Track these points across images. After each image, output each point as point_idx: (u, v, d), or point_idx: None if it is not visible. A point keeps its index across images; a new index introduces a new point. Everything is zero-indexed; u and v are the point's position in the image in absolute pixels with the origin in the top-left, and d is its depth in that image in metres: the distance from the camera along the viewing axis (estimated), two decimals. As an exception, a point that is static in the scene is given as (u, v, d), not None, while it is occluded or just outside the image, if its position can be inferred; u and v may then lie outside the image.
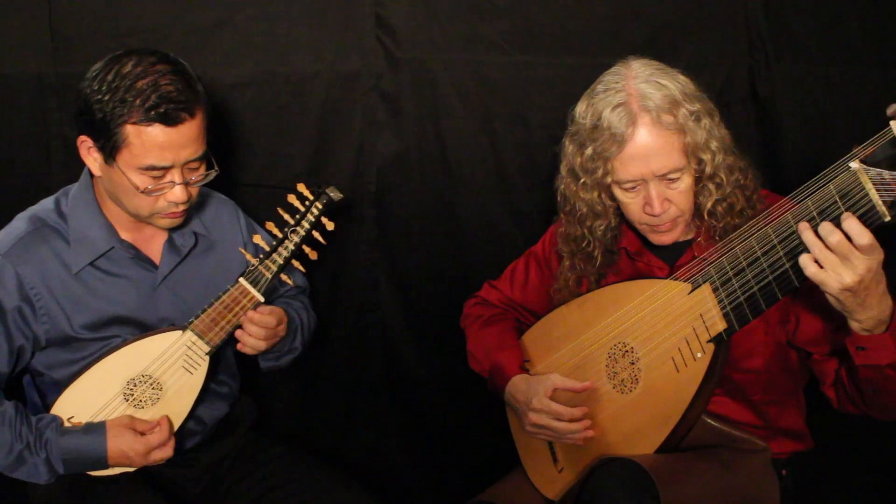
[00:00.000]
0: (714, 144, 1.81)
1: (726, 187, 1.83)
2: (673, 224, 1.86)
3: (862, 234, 1.49)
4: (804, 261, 1.55)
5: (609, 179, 1.85)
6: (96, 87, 1.79)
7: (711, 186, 1.84)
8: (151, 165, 1.81)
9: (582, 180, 1.91)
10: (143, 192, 1.84)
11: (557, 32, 2.47)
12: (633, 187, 1.84)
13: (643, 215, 1.86)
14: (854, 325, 1.62)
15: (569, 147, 1.93)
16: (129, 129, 1.78)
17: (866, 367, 1.65)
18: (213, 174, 1.93)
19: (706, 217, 1.85)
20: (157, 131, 1.79)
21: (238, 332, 1.99)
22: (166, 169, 1.84)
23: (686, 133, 1.79)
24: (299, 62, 2.44)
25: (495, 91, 2.50)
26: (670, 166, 1.79)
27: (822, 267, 1.54)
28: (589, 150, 1.85)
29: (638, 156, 1.79)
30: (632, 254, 2.00)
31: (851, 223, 1.50)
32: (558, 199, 2.02)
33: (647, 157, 1.78)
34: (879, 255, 1.51)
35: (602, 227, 1.96)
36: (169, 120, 1.78)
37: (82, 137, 1.85)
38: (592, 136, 1.83)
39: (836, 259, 1.52)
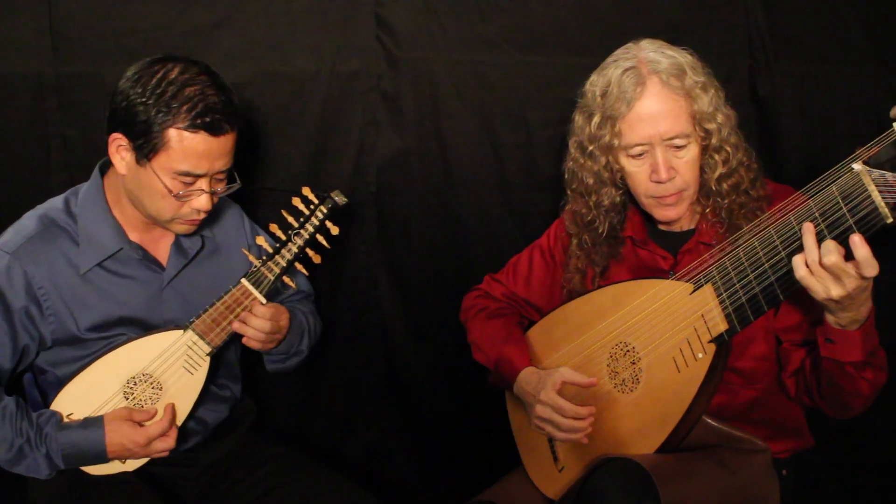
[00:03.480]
0: (720, 118, 1.85)
1: (732, 161, 1.86)
2: (678, 197, 1.87)
3: (870, 265, 1.50)
4: (796, 261, 1.57)
5: (616, 143, 1.87)
6: (140, 90, 1.81)
7: (717, 159, 1.86)
8: (187, 171, 1.84)
9: (589, 149, 1.94)
10: (174, 195, 1.86)
11: (557, 32, 2.47)
12: (640, 153, 1.86)
13: (649, 185, 1.87)
14: (829, 319, 1.65)
15: (578, 120, 1.97)
16: (172, 134, 1.80)
17: (829, 360, 1.68)
18: (235, 187, 1.96)
19: (712, 191, 1.87)
20: (199, 139, 1.82)
21: (237, 325, 1.98)
22: (199, 177, 1.86)
23: (693, 99, 1.83)
24: (299, 62, 2.44)
25: (495, 91, 2.50)
26: (677, 130, 1.82)
27: (812, 273, 1.55)
28: (597, 117, 1.89)
29: (646, 116, 1.82)
30: (637, 242, 2.00)
31: (861, 251, 1.50)
32: (566, 176, 2.04)
33: (654, 119, 1.81)
34: (874, 276, 1.52)
35: (607, 200, 1.97)
36: (214, 130, 1.82)
37: (115, 135, 1.86)
38: (601, 102, 1.87)
39: (828, 275, 1.54)
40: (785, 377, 1.87)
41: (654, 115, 1.81)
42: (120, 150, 1.87)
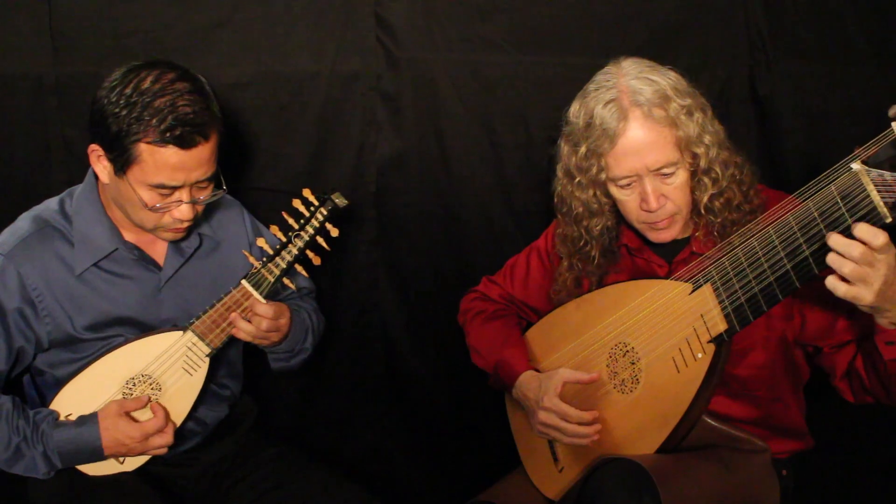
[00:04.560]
0: (707, 139, 1.82)
1: (722, 182, 1.84)
2: (671, 221, 1.86)
3: (876, 236, 1.48)
4: (832, 283, 1.53)
5: (604, 176, 1.86)
6: (114, 100, 1.79)
7: (707, 181, 1.84)
8: (161, 184, 1.82)
9: (577, 179, 1.92)
10: (150, 208, 1.85)
11: (557, 32, 2.47)
12: (629, 184, 1.84)
13: (640, 213, 1.86)
14: (882, 322, 1.62)
15: (564, 148, 1.95)
16: (143, 147, 1.78)
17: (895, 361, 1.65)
18: (220, 194, 1.94)
19: (703, 212, 1.86)
20: (170, 153, 1.79)
21: (233, 316, 1.97)
22: (176, 188, 1.85)
23: (678, 127, 1.80)
24: (299, 62, 2.44)
25: (495, 91, 2.50)
26: (664, 160, 1.80)
27: (850, 283, 1.52)
28: (583, 149, 1.86)
29: (631, 150, 1.79)
30: (632, 250, 2.00)
31: (862, 228, 1.48)
32: (555, 200, 2.02)
33: (640, 152, 1.79)
34: (893, 248, 1.51)
35: (599, 227, 1.96)
36: (184, 143, 1.79)
37: (94, 146, 1.85)
38: (586, 134, 1.84)
39: (863, 269, 1.50)
40: (836, 382, 1.85)
41: (639, 148, 1.79)
42: (100, 160, 1.86)
